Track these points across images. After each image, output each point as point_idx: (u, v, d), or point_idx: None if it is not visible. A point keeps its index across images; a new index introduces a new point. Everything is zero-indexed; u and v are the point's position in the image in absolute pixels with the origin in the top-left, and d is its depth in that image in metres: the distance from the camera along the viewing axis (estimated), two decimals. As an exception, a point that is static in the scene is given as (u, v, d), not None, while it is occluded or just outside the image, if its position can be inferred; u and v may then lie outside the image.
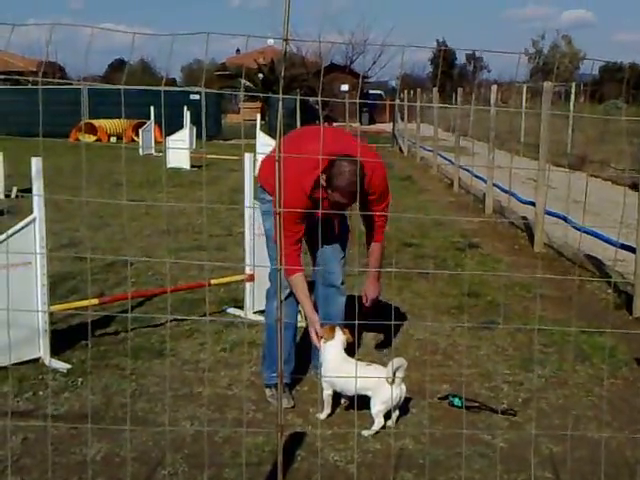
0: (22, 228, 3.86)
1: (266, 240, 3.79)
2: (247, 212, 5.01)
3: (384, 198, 3.65)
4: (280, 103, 2.10)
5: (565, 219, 7.28)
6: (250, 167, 4.96)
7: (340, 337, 3.42)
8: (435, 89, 17.98)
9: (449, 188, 12.57)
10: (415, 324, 4.72)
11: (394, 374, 3.18)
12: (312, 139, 3.44)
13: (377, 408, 3.23)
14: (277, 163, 2.09)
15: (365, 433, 3.20)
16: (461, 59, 62.12)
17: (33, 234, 3.90)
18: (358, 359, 3.50)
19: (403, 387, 3.28)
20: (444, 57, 53.10)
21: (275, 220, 3.38)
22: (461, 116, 15.50)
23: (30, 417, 3.26)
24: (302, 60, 36.37)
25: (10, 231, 3.78)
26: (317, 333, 3.42)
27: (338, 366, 3.30)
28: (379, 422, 3.23)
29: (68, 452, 2.96)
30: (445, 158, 15.29)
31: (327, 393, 3.38)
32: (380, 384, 3.16)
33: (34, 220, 3.90)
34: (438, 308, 5.10)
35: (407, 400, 3.49)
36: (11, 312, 2.97)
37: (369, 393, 3.25)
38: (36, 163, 3.85)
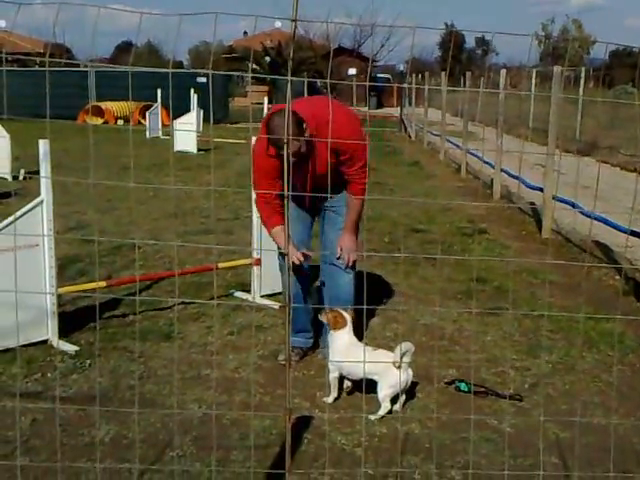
0: (30, 210, 3.86)
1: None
2: (254, 196, 5.00)
3: (357, 159, 3.59)
4: (289, 85, 2.07)
5: (573, 205, 7.24)
6: None
7: (350, 323, 3.42)
8: (444, 73, 17.85)
9: (457, 173, 12.51)
10: (422, 309, 4.72)
11: (401, 358, 3.18)
12: (293, 104, 3.44)
13: (384, 392, 3.24)
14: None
15: (372, 417, 3.20)
16: (470, 43, 61.63)
17: (41, 216, 3.90)
18: (365, 343, 3.51)
19: (410, 372, 3.28)
20: (453, 42, 52.68)
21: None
22: (469, 101, 15.39)
23: (39, 399, 3.28)
24: (310, 43, 36.15)
25: (18, 213, 3.78)
26: (298, 259, 3.61)
27: (346, 350, 3.31)
28: (386, 406, 3.24)
29: (76, 434, 2.98)
30: (453, 143, 15.21)
31: (333, 376, 3.39)
32: (387, 368, 3.16)
33: (42, 202, 3.91)
34: (445, 293, 5.09)
35: (414, 385, 3.49)
36: (19, 294, 2.98)
37: (376, 377, 3.26)
38: (43, 145, 3.84)
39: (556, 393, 3.54)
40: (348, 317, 3.44)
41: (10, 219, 3.76)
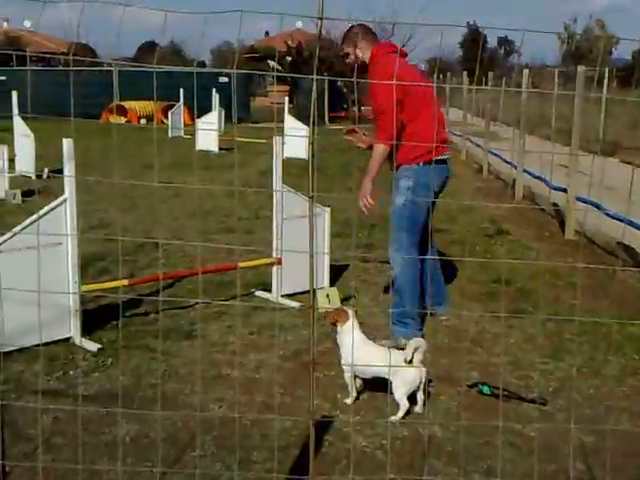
0: (53, 209, 3.87)
1: (393, 216, 4.25)
2: (275, 196, 4.99)
3: (374, 100, 4.13)
4: (314, 84, 2.04)
5: (597, 206, 7.13)
6: (279, 150, 4.92)
7: (353, 319, 3.40)
8: (465, 73, 17.71)
9: (478, 173, 12.40)
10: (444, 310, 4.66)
11: (412, 355, 3.14)
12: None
13: (399, 391, 3.20)
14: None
15: (393, 419, 3.16)
16: (492, 42, 61.12)
17: (64, 215, 3.91)
18: (374, 339, 3.48)
19: (423, 369, 3.23)
20: (475, 40, 52.33)
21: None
22: (491, 100, 15.26)
23: (60, 397, 3.28)
24: (331, 43, 36.07)
25: (41, 212, 3.80)
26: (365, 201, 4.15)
27: (355, 348, 3.26)
28: (404, 405, 3.19)
29: (98, 432, 2.97)
30: (474, 143, 15.08)
31: (347, 376, 3.35)
32: (400, 366, 3.12)
33: (65, 201, 3.92)
34: (467, 295, 5.03)
35: (435, 387, 3.45)
36: (42, 292, 2.98)
37: (388, 376, 3.19)
38: (68, 144, 3.85)
39: (581, 397, 3.48)
40: (351, 312, 3.42)
41: (34, 217, 3.78)
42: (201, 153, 14.18)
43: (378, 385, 3.34)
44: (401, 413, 3.18)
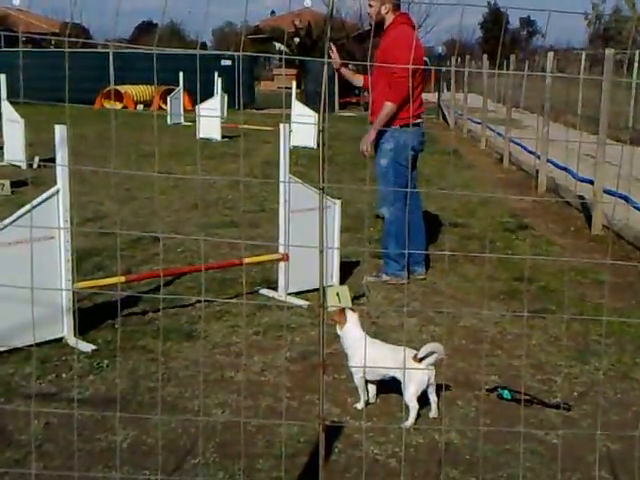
0: (45, 200, 3.88)
1: (379, 177, 5.21)
2: (282, 187, 4.98)
3: (396, 62, 4.87)
4: (325, 68, 2.04)
5: (626, 199, 7.09)
6: (286, 138, 4.92)
7: (353, 318, 3.43)
8: (485, 56, 17.64)
9: (499, 164, 12.36)
10: (461, 310, 4.66)
11: (426, 356, 3.16)
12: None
13: (410, 391, 3.20)
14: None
15: (406, 424, 3.16)
16: (514, 23, 60.80)
17: (56, 207, 3.92)
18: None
19: (432, 369, 3.23)
20: (495, 21, 52.07)
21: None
22: (513, 86, 15.20)
23: (53, 400, 3.30)
24: (341, 23, 36.00)
25: (33, 203, 3.80)
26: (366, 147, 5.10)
27: (359, 348, 3.20)
28: (414, 407, 3.19)
29: (93, 438, 2.99)
30: (495, 131, 15.03)
31: (358, 377, 3.35)
32: (409, 365, 3.10)
33: (58, 192, 3.93)
34: (486, 293, 5.03)
35: (453, 391, 3.46)
36: (34, 289, 3.00)
37: (398, 375, 3.22)
38: (60, 131, 3.86)
39: (607, 402, 3.47)
40: (350, 313, 3.45)
41: (24, 209, 3.79)
42: (202, 141, 14.21)
43: (390, 388, 3.35)
44: (413, 414, 3.18)
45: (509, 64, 18.44)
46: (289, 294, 4.90)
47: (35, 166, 9.72)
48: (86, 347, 3.90)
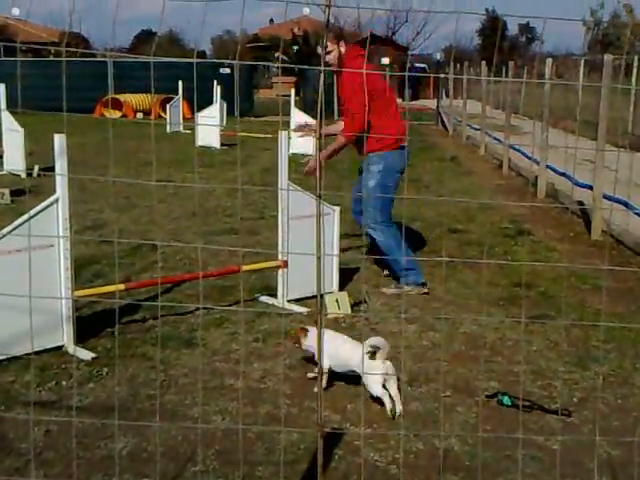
0: (45, 209, 3.89)
1: (366, 198, 5.32)
2: (281, 194, 5.00)
3: (349, 102, 5.11)
4: (322, 76, 2.06)
5: (626, 204, 7.10)
6: (285, 146, 4.94)
7: (314, 333, 3.64)
8: (484, 62, 17.70)
9: (498, 170, 12.39)
10: (461, 316, 4.67)
11: (373, 353, 3.34)
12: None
13: (370, 387, 3.35)
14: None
15: (399, 409, 3.32)
16: (512, 30, 60.98)
17: (56, 215, 3.93)
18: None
19: (388, 363, 3.37)
20: (494, 28, 52.22)
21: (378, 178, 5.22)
22: (512, 92, 15.24)
23: (53, 408, 3.31)
24: (340, 31, 36.12)
25: (32, 212, 3.82)
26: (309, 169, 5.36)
27: (327, 342, 3.44)
28: (384, 395, 3.33)
29: (93, 446, 2.99)
30: (494, 137, 15.06)
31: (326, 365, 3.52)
32: (366, 361, 3.26)
33: (57, 200, 3.94)
34: (485, 299, 5.04)
35: (452, 397, 3.46)
36: (33, 298, 3.01)
37: (357, 370, 3.40)
38: (59, 140, 3.88)
39: (608, 408, 3.47)
40: (312, 329, 3.71)
41: (24, 218, 3.80)
42: (202, 149, 14.24)
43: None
44: (387, 401, 3.32)
45: (508, 70, 18.51)
46: (289, 301, 4.91)
47: (35, 175, 9.73)
48: (86, 355, 3.90)
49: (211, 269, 5.48)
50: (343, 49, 5.20)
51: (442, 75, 24.28)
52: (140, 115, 22.83)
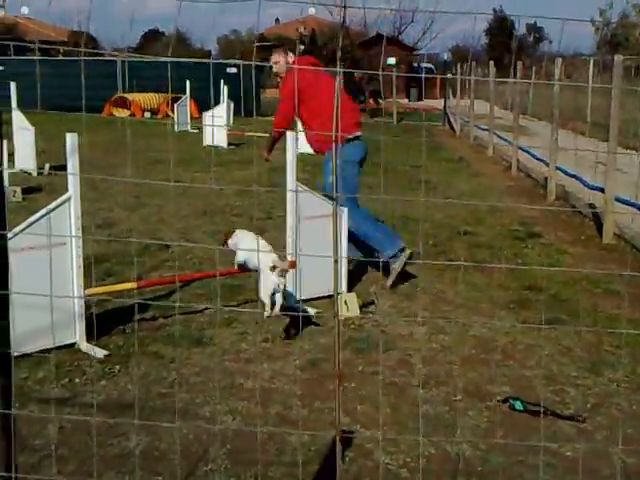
0: (57, 207, 3.90)
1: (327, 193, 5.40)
2: (289, 195, 5.00)
3: (279, 103, 5.86)
4: (339, 76, 2.05)
5: (639, 207, 7.08)
6: (293, 146, 4.95)
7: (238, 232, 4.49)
8: (492, 62, 17.65)
9: (507, 171, 12.35)
10: (471, 319, 4.66)
11: (274, 266, 4.08)
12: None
13: (261, 291, 4.11)
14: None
15: (265, 314, 4.08)
16: (520, 30, 60.77)
17: (68, 214, 3.95)
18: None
19: (282, 279, 4.11)
20: (501, 27, 52.14)
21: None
22: (520, 92, 15.19)
23: (67, 405, 3.32)
24: (346, 30, 36.10)
25: (44, 210, 3.83)
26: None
27: (243, 241, 4.40)
28: (266, 302, 4.07)
29: (106, 444, 3.00)
30: (502, 138, 15.02)
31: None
32: (266, 269, 4.08)
33: (69, 199, 3.95)
34: (496, 302, 5.02)
35: (464, 402, 3.46)
36: (47, 295, 3.02)
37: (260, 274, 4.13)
38: (71, 139, 3.89)
39: (622, 414, 3.45)
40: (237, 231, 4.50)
41: (36, 216, 3.81)
42: (209, 149, 14.24)
43: (403, 399, 3.34)
44: (267, 304, 4.07)
45: (516, 71, 18.45)
46: (297, 301, 4.90)
47: (46, 173, 9.76)
48: (98, 352, 3.91)
49: (220, 268, 5.48)
50: (291, 60, 5.76)
51: (449, 75, 24.25)
52: (148, 114, 22.86)
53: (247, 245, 4.34)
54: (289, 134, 5.15)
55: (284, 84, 5.81)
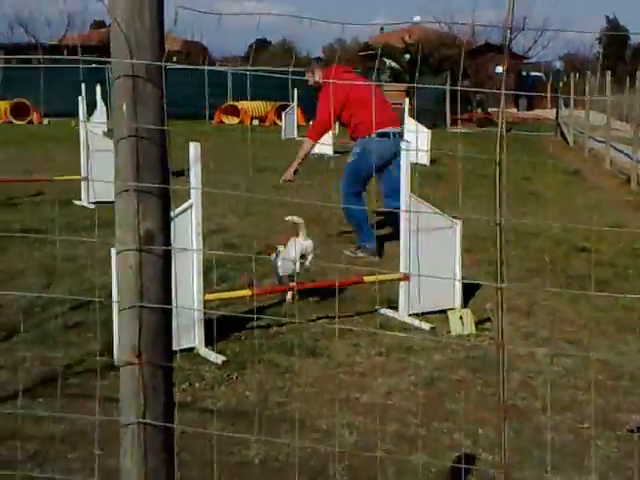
0: (180, 214, 4.01)
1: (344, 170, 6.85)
2: (403, 205, 4.94)
3: (317, 111, 6.54)
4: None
5: None
6: (406, 157, 4.90)
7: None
8: (608, 72, 16.91)
9: (625, 185, 11.77)
10: (596, 342, 4.43)
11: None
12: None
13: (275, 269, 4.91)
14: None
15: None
16: (635, 39, 58.18)
17: (190, 220, 4.05)
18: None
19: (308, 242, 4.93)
20: (614, 37, 50.07)
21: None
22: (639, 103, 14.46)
23: (187, 410, 3.37)
24: (454, 39, 35.69)
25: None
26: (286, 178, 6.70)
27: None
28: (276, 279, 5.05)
29: (227, 451, 3.03)
30: (620, 151, 14.34)
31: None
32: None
33: (191, 206, 4.06)
34: (621, 325, 4.76)
35: (592, 430, 3.28)
36: (172, 300, 3.08)
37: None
38: (194, 149, 4.01)
39: None
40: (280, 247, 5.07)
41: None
42: (315, 156, 14.35)
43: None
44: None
45: (634, 80, 17.56)
46: (410, 315, 4.83)
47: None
48: (215, 358, 3.98)
49: (332, 277, 5.47)
50: (317, 76, 6.47)
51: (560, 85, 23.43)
52: (256, 122, 23.38)
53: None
54: (402, 143, 5.12)
55: (322, 96, 6.35)
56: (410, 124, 14.36)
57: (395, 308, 4.93)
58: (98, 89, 16.43)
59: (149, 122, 1.56)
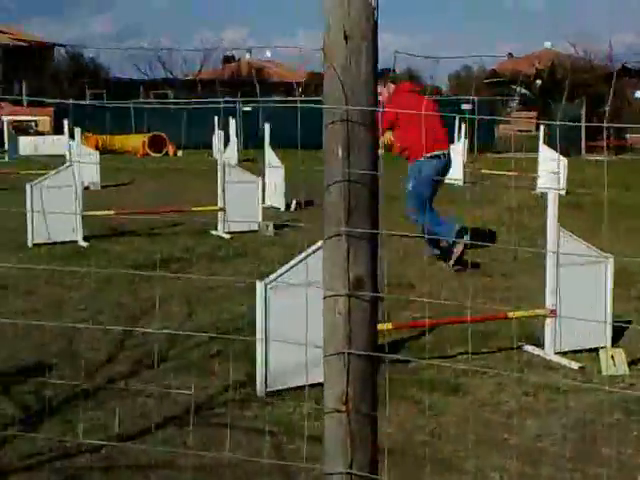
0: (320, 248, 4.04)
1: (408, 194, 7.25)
2: (550, 238, 4.76)
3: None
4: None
5: None
6: (555, 202, 4.70)
7: None
8: None
9: None
10: None
11: None
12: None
13: None
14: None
15: None
16: None
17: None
18: None
19: None
20: None
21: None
22: None
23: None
24: (589, 64, 34.43)
25: (310, 249, 3.93)
26: None
27: None
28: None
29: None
30: None
31: None
32: None
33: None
34: None
35: None
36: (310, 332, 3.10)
37: None
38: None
39: None
40: None
41: (302, 256, 3.94)
42: (445, 185, 14.18)
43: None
44: None
45: None
46: (556, 353, 4.62)
47: (292, 209, 10.28)
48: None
49: (468, 312, 5.33)
50: (390, 90, 6.87)
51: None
52: (381, 151, 23.47)
53: None
54: (549, 176, 4.94)
55: (384, 112, 6.75)
56: (545, 151, 13.95)
57: (538, 345, 4.73)
58: (232, 122, 17.14)
59: (362, 167, 1.58)
